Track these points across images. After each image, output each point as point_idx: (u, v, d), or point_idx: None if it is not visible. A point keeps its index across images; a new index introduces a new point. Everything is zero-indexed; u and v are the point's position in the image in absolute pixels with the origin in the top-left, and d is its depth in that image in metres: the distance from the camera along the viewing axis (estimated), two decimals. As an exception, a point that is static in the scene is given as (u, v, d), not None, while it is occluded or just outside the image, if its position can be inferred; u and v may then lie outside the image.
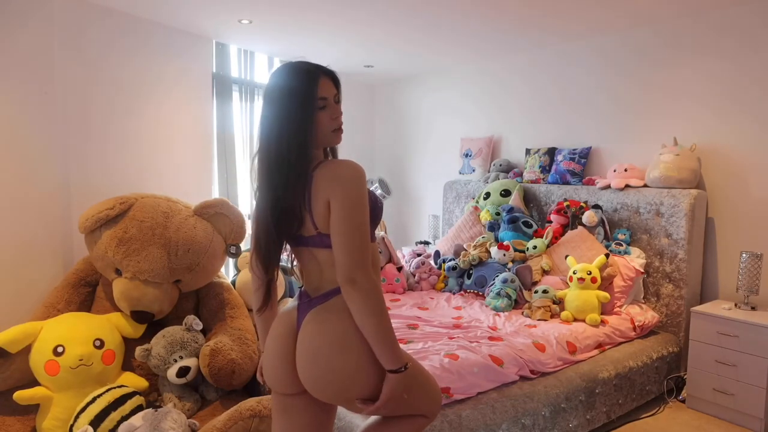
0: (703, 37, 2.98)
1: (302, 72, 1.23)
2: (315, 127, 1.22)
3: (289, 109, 1.20)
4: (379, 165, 5.37)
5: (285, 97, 1.22)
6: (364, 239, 1.16)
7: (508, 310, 2.93)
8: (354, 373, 1.18)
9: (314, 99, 1.21)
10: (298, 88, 1.21)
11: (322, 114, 1.22)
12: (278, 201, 1.22)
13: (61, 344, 2.22)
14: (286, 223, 1.23)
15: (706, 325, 2.67)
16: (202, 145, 3.73)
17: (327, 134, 1.24)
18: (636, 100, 3.30)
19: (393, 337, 1.18)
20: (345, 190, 1.15)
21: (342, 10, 3.07)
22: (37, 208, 2.78)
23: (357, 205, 1.15)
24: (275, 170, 1.21)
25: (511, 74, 4.07)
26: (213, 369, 2.27)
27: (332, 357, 1.18)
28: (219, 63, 3.92)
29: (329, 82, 1.25)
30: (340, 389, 1.20)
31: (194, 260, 2.57)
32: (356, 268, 1.14)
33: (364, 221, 1.17)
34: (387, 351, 1.17)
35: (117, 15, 3.13)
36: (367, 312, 1.14)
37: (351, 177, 1.16)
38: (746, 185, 2.86)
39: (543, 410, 2.12)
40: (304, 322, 1.25)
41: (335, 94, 1.26)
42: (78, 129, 2.99)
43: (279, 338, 1.29)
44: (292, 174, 1.20)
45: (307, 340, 1.23)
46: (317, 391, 1.22)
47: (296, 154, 1.20)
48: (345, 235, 1.15)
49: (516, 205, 3.62)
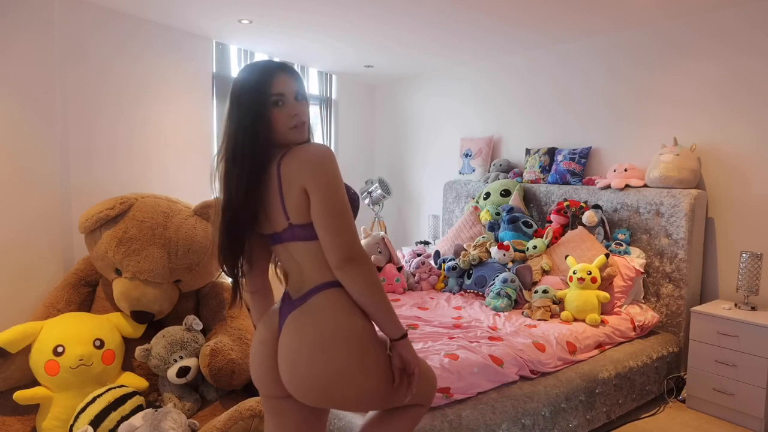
0: (703, 38, 2.98)
1: (256, 68, 1.21)
2: (270, 124, 1.19)
3: (243, 106, 1.19)
4: (379, 165, 5.37)
5: (240, 94, 1.20)
6: (351, 219, 1.16)
7: (508, 310, 2.93)
8: (335, 376, 1.16)
9: (267, 95, 1.18)
10: (252, 84, 1.19)
11: (277, 111, 1.19)
12: (230, 201, 1.20)
13: (61, 344, 2.22)
14: (241, 225, 1.22)
15: (706, 325, 2.67)
16: (202, 145, 3.73)
17: (285, 131, 1.21)
18: (636, 100, 3.30)
19: (391, 310, 1.20)
20: (319, 173, 1.14)
21: (342, 10, 3.07)
22: (38, 209, 2.78)
23: (336, 187, 1.15)
24: (230, 169, 1.20)
25: (511, 74, 4.07)
26: (213, 369, 2.27)
27: (311, 362, 1.16)
28: (219, 63, 3.92)
29: (288, 78, 1.21)
30: (323, 393, 1.17)
31: (194, 260, 2.57)
32: (354, 245, 1.14)
33: (346, 201, 1.16)
34: (391, 321, 1.20)
35: (117, 15, 3.13)
36: (371, 287, 1.16)
37: (321, 159, 1.15)
38: (746, 185, 2.86)
39: (543, 410, 2.12)
40: (284, 325, 1.24)
41: (296, 90, 1.22)
42: (78, 129, 2.99)
43: (262, 343, 1.28)
44: (245, 173, 1.18)
45: (286, 344, 1.21)
46: (300, 396, 1.21)
47: (250, 151, 1.18)
48: (334, 218, 1.14)
49: (516, 205, 3.62)
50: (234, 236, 1.24)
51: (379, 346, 1.24)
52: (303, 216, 1.18)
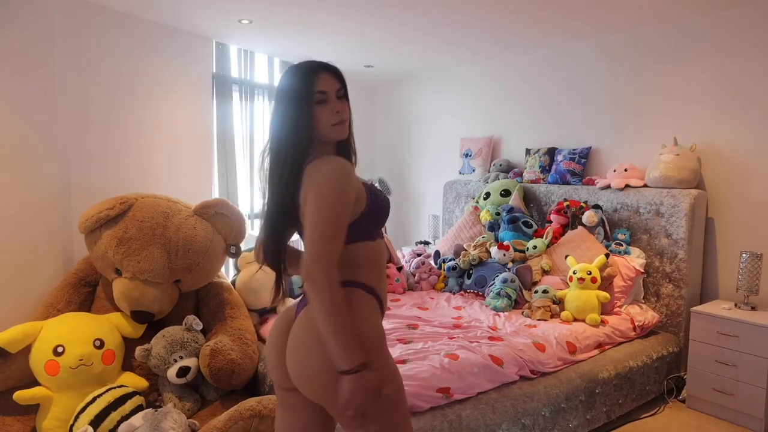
0: (703, 38, 2.98)
1: (301, 68, 1.25)
2: (313, 121, 1.23)
3: (288, 105, 1.23)
4: (379, 165, 5.37)
5: (284, 93, 1.25)
6: (329, 234, 1.13)
7: (508, 310, 2.93)
8: (329, 371, 1.14)
9: (311, 93, 1.22)
10: (296, 83, 1.23)
11: (320, 108, 1.23)
12: (274, 195, 1.25)
13: (61, 344, 2.22)
14: (283, 218, 1.26)
15: (706, 325, 2.67)
16: (202, 145, 3.73)
17: (327, 128, 1.24)
18: (636, 100, 3.30)
19: (347, 337, 1.11)
20: (318, 183, 1.16)
21: (342, 10, 3.07)
22: (37, 209, 2.78)
23: (327, 199, 1.14)
24: (275, 165, 1.25)
25: (511, 74, 4.07)
26: (213, 369, 2.27)
27: (311, 354, 1.18)
28: (219, 63, 3.92)
29: (330, 77, 1.26)
30: (318, 386, 1.18)
31: (194, 260, 2.57)
32: (312, 262, 1.12)
33: (333, 216, 1.14)
34: (338, 349, 1.10)
35: (117, 15, 3.13)
36: (319, 308, 1.11)
37: (328, 172, 1.17)
38: (746, 185, 2.86)
39: (543, 410, 2.12)
40: (297, 318, 1.27)
41: (338, 89, 1.26)
42: (78, 129, 2.99)
43: (276, 334, 1.32)
44: (286, 170, 1.22)
45: (293, 336, 1.24)
46: (300, 386, 1.22)
47: (293, 149, 1.22)
48: (308, 228, 1.14)
49: (516, 205, 3.62)
50: (278, 230, 1.28)
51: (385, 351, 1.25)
52: None
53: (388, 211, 1.33)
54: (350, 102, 1.31)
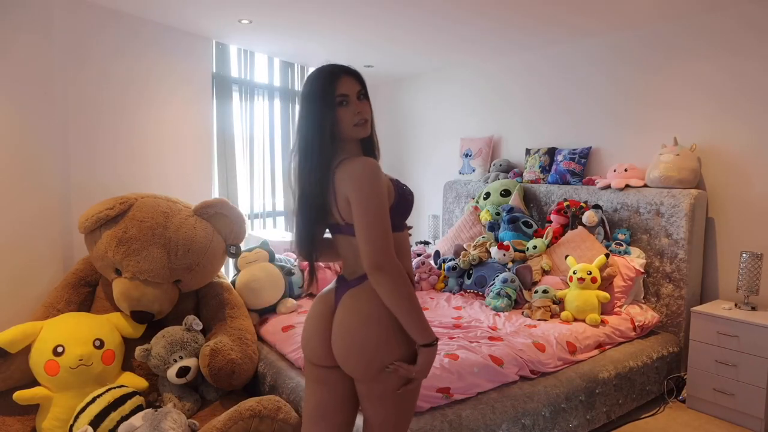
0: (702, 40, 2.97)
1: (323, 72, 1.34)
2: (337, 123, 1.31)
3: (312, 108, 1.33)
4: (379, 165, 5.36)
5: (308, 97, 1.34)
6: (385, 228, 1.23)
7: (508, 310, 2.93)
8: (377, 346, 1.28)
9: (333, 96, 1.30)
10: (319, 87, 1.32)
11: (342, 110, 1.32)
12: (304, 193, 1.35)
13: (61, 344, 2.22)
14: (314, 214, 1.36)
15: (706, 325, 2.67)
16: (202, 145, 3.72)
17: (350, 128, 1.33)
18: (636, 100, 3.30)
19: (422, 315, 1.27)
20: (357, 185, 1.25)
21: (342, 10, 3.07)
22: (38, 209, 2.78)
23: (371, 198, 1.23)
24: (303, 165, 1.34)
25: (510, 75, 4.07)
26: (213, 369, 2.27)
27: (360, 332, 1.30)
28: (219, 63, 3.92)
29: (351, 80, 1.34)
30: (365, 361, 1.29)
31: (194, 260, 2.57)
32: (381, 254, 1.21)
33: (381, 211, 1.24)
34: (419, 328, 1.26)
35: (117, 15, 3.13)
36: (398, 295, 1.23)
37: (361, 173, 1.25)
38: (746, 185, 2.86)
39: (543, 410, 2.11)
40: (341, 302, 1.36)
41: (358, 90, 1.34)
42: (78, 129, 2.99)
43: (317, 316, 1.42)
44: (315, 166, 1.31)
45: (340, 318, 1.35)
46: (346, 364, 1.33)
47: (319, 149, 1.31)
48: (366, 228, 1.23)
49: (516, 205, 3.62)
50: (308, 224, 1.37)
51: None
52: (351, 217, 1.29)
53: (412, 203, 1.42)
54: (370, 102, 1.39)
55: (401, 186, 1.39)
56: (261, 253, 3.04)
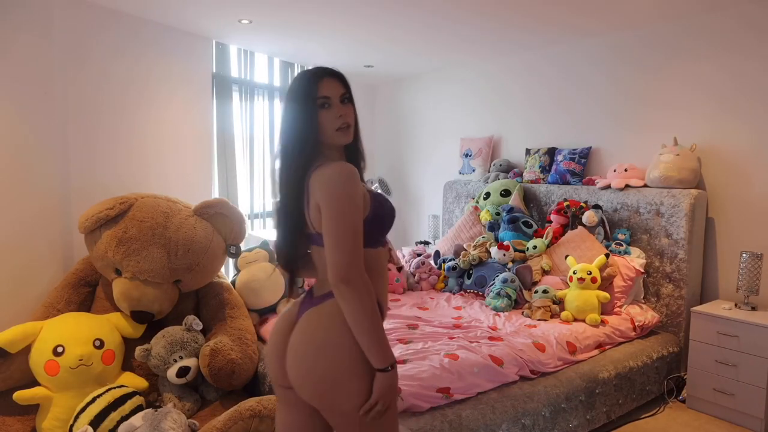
0: (702, 40, 2.97)
1: (306, 74, 1.28)
2: (317, 126, 1.25)
3: (293, 110, 1.26)
4: (379, 165, 5.37)
5: (290, 99, 1.28)
6: (356, 238, 1.16)
7: (508, 310, 2.93)
8: (334, 381, 1.18)
9: (314, 98, 1.24)
10: (300, 88, 1.26)
11: (324, 113, 1.25)
12: (282, 200, 1.28)
13: (61, 344, 2.22)
14: (292, 222, 1.28)
15: (706, 325, 2.67)
16: (202, 145, 3.73)
17: (332, 133, 1.25)
18: (636, 100, 3.30)
19: (383, 338, 1.18)
20: (328, 191, 1.17)
21: (342, 10, 3.06)
22: (38, 209, 2.78)
23: (343, 204, 1.15)
24: (283, 169, 1.27)
25: (510, 75, 4.07)
26: (213, 369, 2.27)
27: (316, 361, 1.19)
28: (219, 63, 3.92)
29: (334, 82, 1.27)
30: (320, 393, 1.20)
31: (194, 260, 2.57)
32: (349, 267, 1.14)
33: (353, 220, 1.16)
34: (376, 350, 1.16)
35: (117, 15, 3.13)
36: (362, 312, 1.14)
37: (334, 178, 1.17)
38: (746, 185, 2.86)
39: (543, 410, 2.11)
40: (299, 322, 1.28)
41: (342, 93, 1.27)
42: (78, 129, 2.99)
43: (278, 333, 1.33)
44: (292, 174, 1.25)
45: (295, 339, 1.25)
46: (300, 391, 1.24)
47: (299, 153, 1.24)
48: (334, 237, 1.15)
49: (516, 205, 3.62)
50: (288, 232, 1.30)
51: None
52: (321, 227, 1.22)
53: (391, 218, 1.32)
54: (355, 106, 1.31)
55: (380, 199, 1.30)
56: (261, 253, 3.04)
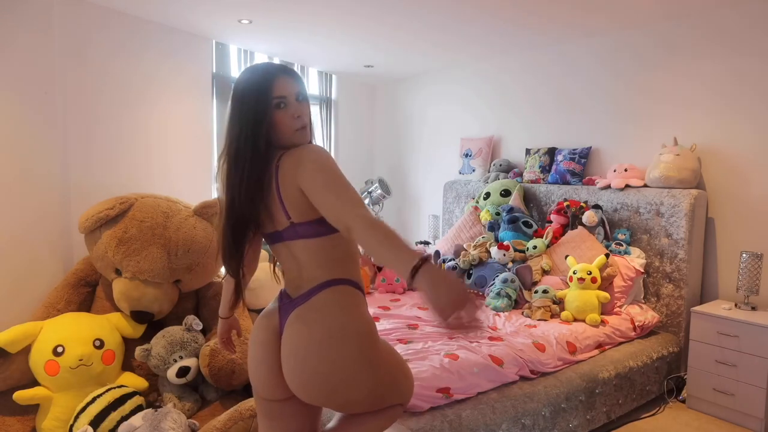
0: (703, 39, 2.97)
1: (258, 71, 1.21)
2: (273, 127, 1.19)
3: (245, 110, 1.19)
4: (379, 165, 5.37)
5: (241, 97, 1.20)
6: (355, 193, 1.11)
7: (508, 310, 2.93)
8: (344, 373, 1.14)
9: (269, 98, 1.18)
10: (253, 87, 1.19)
11: (280, 113, 1.19)
12: (233, 204, 1.20)
13: (61, 344, 2.22)
14: (244, 227, 1.22)
15: (706, 325, 2.67)
16: (202, 145, 3.73)
17: (290, 134, 1.21)
18: (636, 100, 3.30)
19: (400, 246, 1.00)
20: (313, 165, 1.13)
21: (342, 10, 3.07)
22: (38, 209, 2.78)
23: (333, 171, 1.12)
24: (233, 170, 1.20)
25: (511, 74, 4.07)
26: (213, 369, 2.27)
27: (322, 358, 1.14)
28: (219, 63, 3.92)
29: (289, 80, 1.21)
30: (331, 391, 1.16)
31: (194, 260, 2.57)
32: (357, 207, 1.06)
33: (347, 182, 1.12)
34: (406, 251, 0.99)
35: (117, 15, 3.13)
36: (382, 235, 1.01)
37: (315, 156, 1.14)
38: (746, 185, 2.86)
39: (543, 410, 2.11)
40: (288, 323, 1.22)
41: (297, 92, 1.22)
42: (78, 129, 2.99)
43: (262, 344, 1.27)
44: (246, 174, 1.18)
45: (293, 342, 1.19)
46: (306, 395, 1.18)
47: (252, 154, 1.18)
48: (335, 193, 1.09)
49: (516, 205, 3.62)
50: (238, 236, 1.24)
51: (381, 342, 1.24)
52: (303, 214, 1.17)
53: None
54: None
55: None
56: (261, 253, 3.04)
